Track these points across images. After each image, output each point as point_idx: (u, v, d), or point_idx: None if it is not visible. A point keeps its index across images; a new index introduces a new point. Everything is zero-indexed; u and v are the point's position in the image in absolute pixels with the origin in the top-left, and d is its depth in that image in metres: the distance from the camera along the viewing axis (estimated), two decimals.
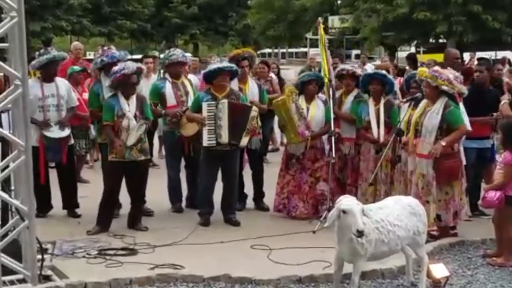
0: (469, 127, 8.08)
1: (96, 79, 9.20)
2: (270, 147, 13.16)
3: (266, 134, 10.24)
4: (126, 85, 8.15)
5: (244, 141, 8.54)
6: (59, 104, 8.78)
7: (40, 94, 8.64)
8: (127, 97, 8.18)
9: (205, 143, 8.44)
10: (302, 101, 8.94)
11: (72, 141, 9.07)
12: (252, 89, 9.32)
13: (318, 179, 8.92)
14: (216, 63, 8.61)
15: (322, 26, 9.73)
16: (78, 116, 10.09)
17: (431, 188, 7.75)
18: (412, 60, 15.25)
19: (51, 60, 8.72)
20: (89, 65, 12.76)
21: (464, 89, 7.99)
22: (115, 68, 8.15)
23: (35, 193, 5.60)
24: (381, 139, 8.58)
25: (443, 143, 7.60)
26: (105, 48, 9.28)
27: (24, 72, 5.63)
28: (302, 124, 8.76)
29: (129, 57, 9.25)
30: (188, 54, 9.88)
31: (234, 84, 9.18)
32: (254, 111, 8.56)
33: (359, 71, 9.30)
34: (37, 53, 8.85)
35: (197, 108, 8.57)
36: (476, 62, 13.34)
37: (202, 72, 8.88)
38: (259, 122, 8.82)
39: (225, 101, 8.43)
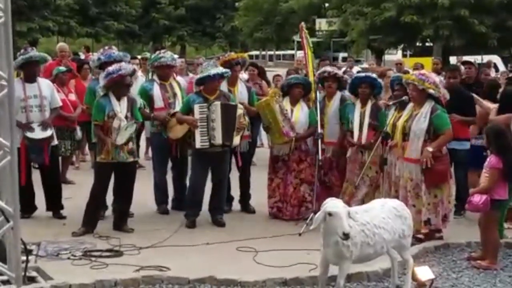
0: None
1: (89, 77, 9.25)
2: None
3: (254, 137, 10.26)
4: (121, 86, 8.12)
5: (236, 140, 8.57)
6: (42, 105, 8.73)
7: (23, 94, 8.58)
8: (118, 98, 8.15)
9: (198, 145, 8.44)
10: (286, 103, 8.96)
11: (55, 142, 9.02)
12: (241, 91, 9.34)
13: (302, 181, 8.94)
14: (210, 68, 8.57)
15: (305, 30, 9.79)
16: (63, 117, 10.07)
17: (418, 191, 7.78)
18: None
19: (29, 61, 8.66)
20: (73, 64, 12.76)
21: (447, 94, 8.03)
22: (110, 69, 8.08)
23: (19, 194, 5.57)
24: (363, 141, 8.60)
25: (430, 149, 7.64)
26: (106, 47, 9.29)
27: (10, 72, 5.60)
28: (287, 125, 8.77)
29: (128, 58, 9.26)
30: (175, 56, 9.87)
31: (224, 87, 9.21)
32: (240, 109, 8.61)
33: (340, 73, 9.35)
34: (18, 53, 8.80)
35: (188, 110, 8.58)
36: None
37: (195, 77, 8.89)
38: (247, 119, 8.84)
39: (218, 102, 8.45)
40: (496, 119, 8.47)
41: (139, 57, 14.74)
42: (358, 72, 13.46)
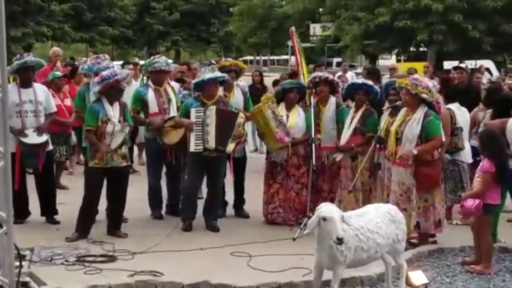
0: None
1: (83, 82, 9.28)
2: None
3: None
4: (115, 91, 8.13)
5: (230, 147, 8.57)
6: (37, 110, 8.72)
7: (18, 99, 8.57)
8: (111, 103, 8.15)
9: (192, 148, 8.47)
10: (282, 108, 8.98)
11: (50, 147, 9.01)
12: (237, 97, 9.38)
13: (303, 186, 8.93)
14: (208, 73, 8.62)
15: (296, 35, 9.83)
16: (59, 122, 10.06)
17: (410, 195, 7.79)
18: None
19: (24, 66, 8.65)
20: (65, 70, 12.77)
21: (440, 99, 8.05)
22: (105, 74, 8.07)
23: (13, 199, 5.56)
24: (342, 142, 8.62)
25: (415, 152, 7.66)
26: (95, 56, 9.29)
27: (4, 77, 5.58)
28: (281, 131, 8.77)
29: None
30: (170, 61, 9.91)
31: (220, 92, 9.24)
32: (241, 118, 8.62)
33: (331, 77, 9.38)
34: (14, 58, 8.79)
35: (186, 114, 8.64)
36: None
37: (193, 81, 8.93)
38: (246, 129, 8.86)
39: (213, 107, 8.48)
40: (491, 123, 8.50)
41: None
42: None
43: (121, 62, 15.79)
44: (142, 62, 13.00)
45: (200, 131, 8.45)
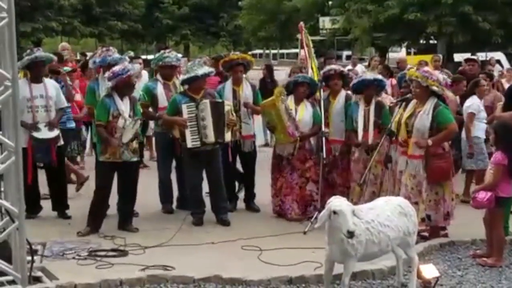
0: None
1: (94, 77, 9.27)
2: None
3: None
4: (127, 86, 8.14)
5: (227, 136, 8.62)
6: (48, 105, 8.74)
7: (29, 94, 8.60)
8: (122, 98, 8.16)
9: (189, 144, 8.47)
10: (291, 102, 8.96)
11: (61, 142, 9.04)
12: (245, 91, 9.36)
13: (308, 180, 8.93)
14: (196, 68, 8.61)
15: (305, 30, 9.82)
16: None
17: (421, 188, 7.77)
18: None
19: (34, 61, 8.67)
20: (75, 65, 12.80)
21: (450, 93, 8.02)
22: (117, 69, 8.08)
23: (24, 194, 5.58)
24: (370, 140, 8.58)
25: (430, 142, 7.63)
26: (104, 49, 9.30)
27: (14, 72, 5.61)
28: (292, 125, 8.77)
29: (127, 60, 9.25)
30: (179, 55, 9.91)
31: (228, 86, 9.22)
32: (227, 106, 8.66)
33: (346, 71, 9.36)
34: (24, 54, 8.81)
35: (175, 111, 8.60)
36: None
37: (184, 76, 8.90)
38: (234, 114, 8.84)
39: (207, 101, 8.49)
40: (503, 115, 8.46)
41: (143, 57, 14.75)
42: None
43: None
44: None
45: (196, 126, 8.45)
